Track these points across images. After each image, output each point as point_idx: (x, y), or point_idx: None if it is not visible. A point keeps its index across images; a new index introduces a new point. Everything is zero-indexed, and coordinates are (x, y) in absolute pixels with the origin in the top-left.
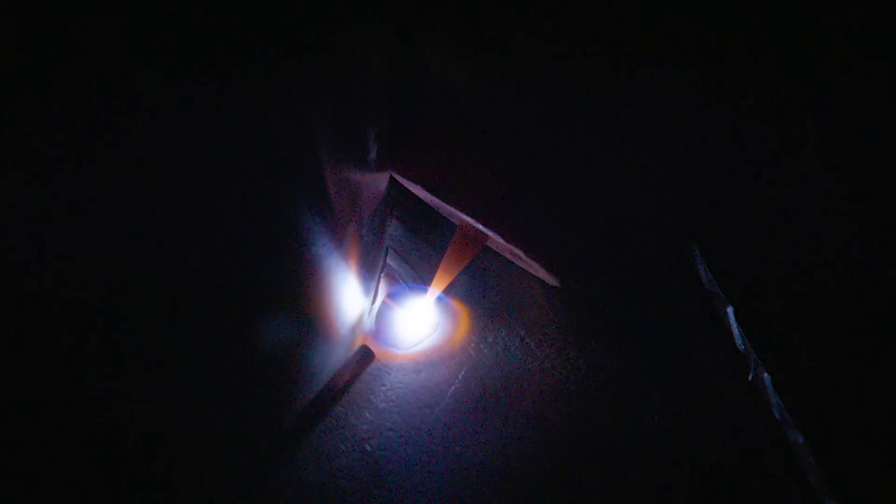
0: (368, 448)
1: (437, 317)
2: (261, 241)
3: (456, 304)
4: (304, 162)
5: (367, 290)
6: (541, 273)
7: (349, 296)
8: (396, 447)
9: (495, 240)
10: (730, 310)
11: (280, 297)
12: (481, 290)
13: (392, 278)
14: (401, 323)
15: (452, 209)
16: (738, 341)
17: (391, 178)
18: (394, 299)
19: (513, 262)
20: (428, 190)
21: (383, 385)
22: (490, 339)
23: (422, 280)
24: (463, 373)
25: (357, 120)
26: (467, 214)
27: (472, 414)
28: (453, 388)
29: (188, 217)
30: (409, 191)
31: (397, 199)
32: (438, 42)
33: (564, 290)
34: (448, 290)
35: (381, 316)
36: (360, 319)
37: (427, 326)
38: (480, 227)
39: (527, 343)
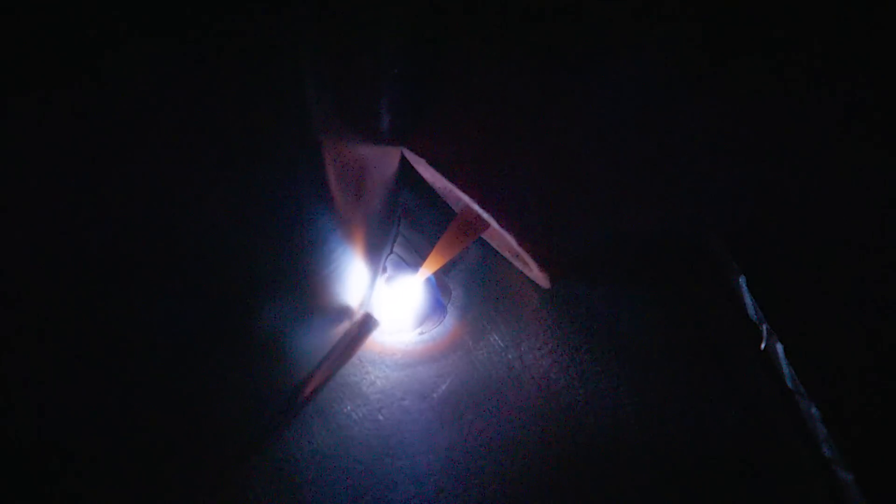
0: (381, 417)
1: (434, 305)
2: (249, 218)
3: (454, 297)
4: (296, 130)
5: (371, 270)
6: (534, 272)
7: (350, 277)
8: (409, 416)
9: (492, 230)
10: (742, 279)
11: (272, 279)
12: (478, 284)
13: (395, 260)
14: (400, 306)
15: (454, 188)
16: (751, 311)
17: (402, 156)
18: (394, 281)
19: (509, 262)
20: (432, 164)
21: (394, 354)
22: (489, 335)
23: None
24: (469, 355)
25: (365, 89)
26: (468, 194)
27: (483, 387)
28: (469, 354)
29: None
30: (418, 172)
31: (408, 177)
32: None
33: (559, 293)
34: (444, 285)
35: (382, 298)
36: (361, 301)
37: (425, 312)
38: (478, 209)
39: (521, 340)
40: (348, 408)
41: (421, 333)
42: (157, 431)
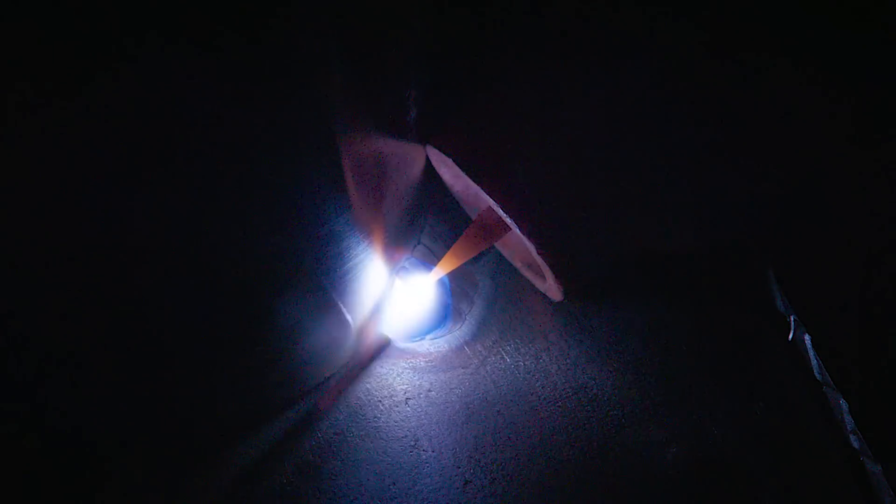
0: (408, 409)
1: (443, 309)
2: (266, 220)
3: (481, 287)
4: (314, 131)
5: (390, 272)
6: (547, 282)
7: (370, 279)
8: (436, 407)
9: (506, 238)
10: (771, 272)
11: (290, 280)
12: (506, 274)
13: (414, 265)
14: (416, 311)
15: (477, 190)
16: (778, 302)
17: (427, 157)
18: (411, 286)
19: (521, 274)
20: (458, 163)
21: (422, 344)
22: (516, 325)
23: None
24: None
25: (389, 89)
26: (491, 196)
27: (510, 378)
28: (496, 345)
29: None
30: (439, 175)
31: (433, 180)
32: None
33: (570, 306)
34: (471, 276)
35: (398, 303)
36: (380, 303)
37: (434, 316)
38: (500, 212)
39: (548, 330)
40: (375, 398)
41: (439, 337)
42: (182, 422)
